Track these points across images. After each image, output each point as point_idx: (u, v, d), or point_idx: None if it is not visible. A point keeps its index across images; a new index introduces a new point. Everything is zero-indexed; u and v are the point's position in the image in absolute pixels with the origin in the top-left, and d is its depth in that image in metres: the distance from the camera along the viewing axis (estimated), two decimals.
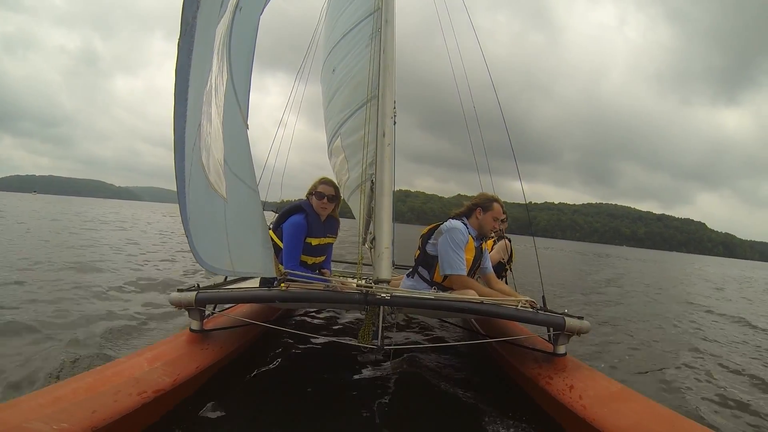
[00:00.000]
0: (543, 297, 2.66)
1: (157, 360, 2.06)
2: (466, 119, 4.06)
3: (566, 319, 2.24)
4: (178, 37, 1.41)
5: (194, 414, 1.96)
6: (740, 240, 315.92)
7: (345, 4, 3.82)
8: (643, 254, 63.93)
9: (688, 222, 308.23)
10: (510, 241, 4.02)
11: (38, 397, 1.61)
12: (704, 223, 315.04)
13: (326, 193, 2.80)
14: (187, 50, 1.39)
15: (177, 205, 1.64)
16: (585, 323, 2.25)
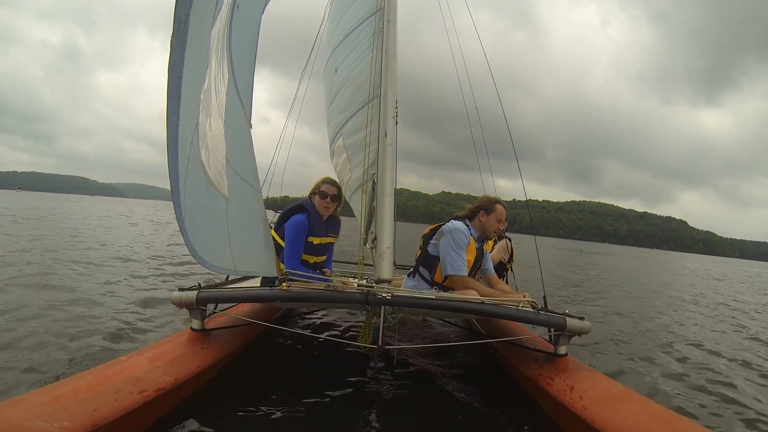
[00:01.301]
0: (544, 297, 2.66)
1: (158, 359, 2.07)
2: (468, 116, 4.07)
3: (567, 319, 2.24)
4: (171, 34, 1.40)
5: (195, 413, 1.96)
6: (720, 238, 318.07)
7: (347, 5, 3.82)
8: (624, 251, 65.55)
9: (669, 220, 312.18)
10: (510, 240, 4.02)
11: (39, 396, 1.61)
12: (686, 221, 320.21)
13: (329, 192, 2.80)
14: (180, 47, 1.38)
15: (169, 203, 1.62)
16: (586, 324, 2.25)
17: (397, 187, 2.78)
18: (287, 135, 4.20)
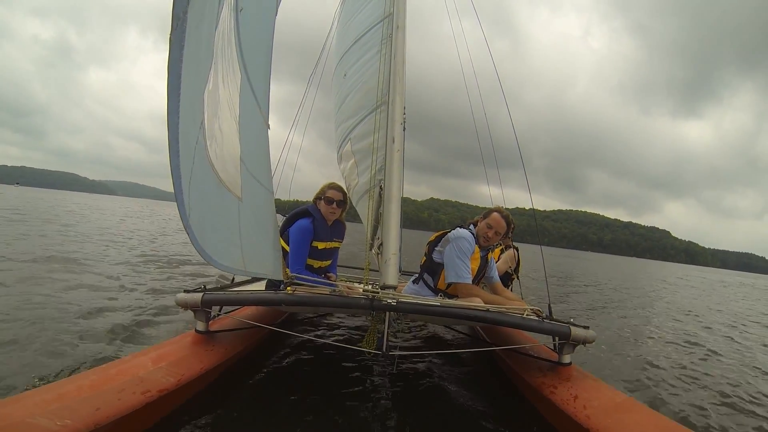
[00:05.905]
0: (549, 306, 2.65)
1: (161, 360, 2.06)
2: (474, 119, 4.10)
3: (572, 328, 2.23)
4: (170, 31, 1.41)
5: (198, 414, 1.94)
6: (702, 248, 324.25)
7: (357, 10, 3.85)
8: (603, 259, 66.19)
9: (653, 230, 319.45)
10: (517, 250, 4.01)
11: (42, 393, 1.61)
12: (669, 231, 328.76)
13: (335, 198, 2.80)
14: (179, 45, 1.39)
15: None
16: (590, 333, 2.25)
17: None
18: (297, 139, 4.21)
